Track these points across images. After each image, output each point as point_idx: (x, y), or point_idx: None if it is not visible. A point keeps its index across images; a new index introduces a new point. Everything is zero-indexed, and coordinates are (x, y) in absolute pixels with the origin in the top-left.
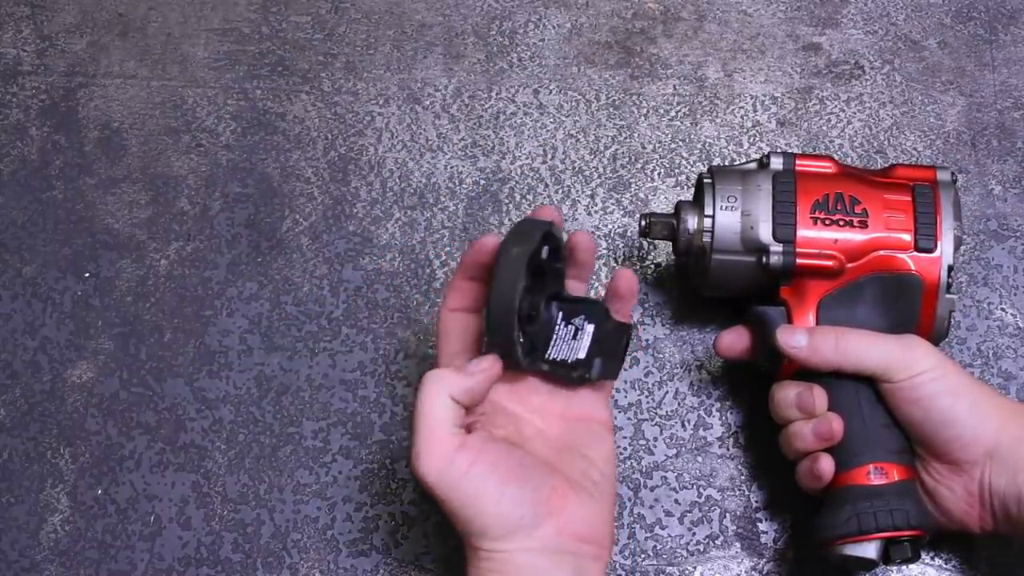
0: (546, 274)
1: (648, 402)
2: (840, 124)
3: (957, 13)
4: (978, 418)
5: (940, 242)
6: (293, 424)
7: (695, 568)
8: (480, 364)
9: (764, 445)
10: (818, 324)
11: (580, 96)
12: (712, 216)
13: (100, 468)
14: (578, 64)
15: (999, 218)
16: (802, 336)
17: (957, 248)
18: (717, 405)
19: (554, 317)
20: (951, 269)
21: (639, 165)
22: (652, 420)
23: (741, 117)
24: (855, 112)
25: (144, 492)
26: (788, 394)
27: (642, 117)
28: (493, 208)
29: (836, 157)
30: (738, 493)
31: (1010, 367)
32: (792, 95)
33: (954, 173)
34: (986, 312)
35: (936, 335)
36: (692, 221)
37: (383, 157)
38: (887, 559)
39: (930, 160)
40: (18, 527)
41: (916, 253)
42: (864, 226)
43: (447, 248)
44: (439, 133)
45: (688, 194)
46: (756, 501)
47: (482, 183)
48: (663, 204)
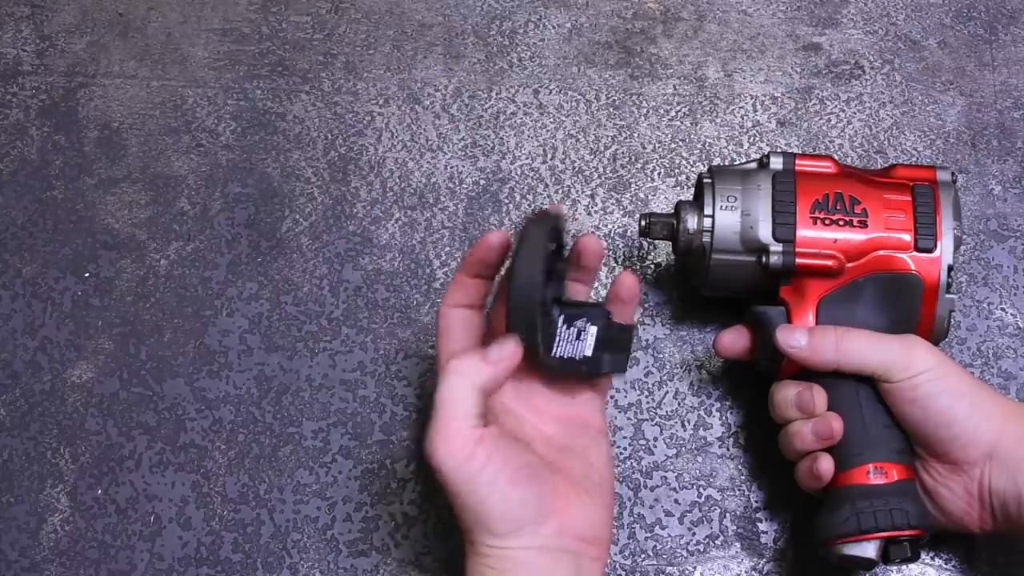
0: (550, 273)
1: (648, 402)
2: (840, 124)
3: (957, 13)
4: (978, 418)
5: (940, 242)
6: (293, 424)
7: (695, 568)
8: (502, 351)
9: (764, 445)
10: (818, 324)
11: (580, 96)
12: (712, 216)
13: (100, 468)
14: (578, 64)
15: (999, 218)
16: (802, 336)
17: (957, 248)
18: (717, 405)
19: (555, 319)
20: (951, 269)
21: (639, 165)
22: (652, 420)
23: (741, 117)
24: (855, 112)
25: (144, 492)
26: (788, 394)
27: (642, 117)
28: (493, 208)
29: (836, 157)
30: (738, 493)
31: (1010, 367)
32: (792, 95)
33: (954, 173)
34: (986, 312)
35: (936, 335)
36: (692, 221)
37: (383, 157)
38: (887, 559)
39: (930, 160)
40: (18, 527)
41: (916, 253)
42: (864, 226)
43: (447, 248)
44: (439, 133)
45: (688, 194)
46: (756, 501)
47: (482, 183)
48: (663, 204)
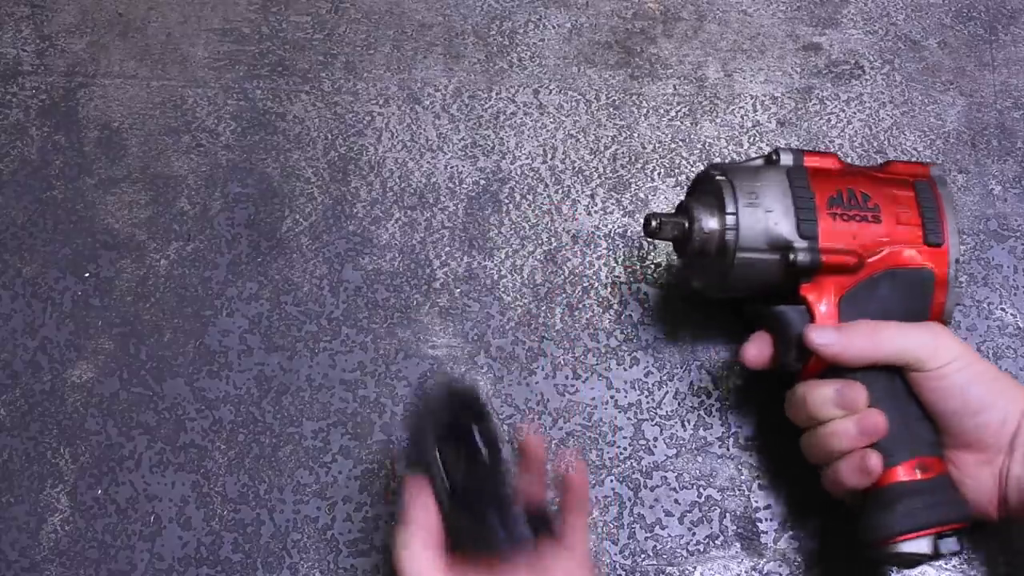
0: (479, 468)
1: (648, 402)
2: (840, 124)
3: (957, 13)
4: (1005, 403)
5: (946, 235)
6: (293, 424)
7: (695, 568)
8: (414, 499)
9: (764, 445)
10: (840, 321)
11: (580, 96)
12: (736, 213)
13: (100, 468)
14: (578, 64)
15: (999, 218)
16: (833, 332)
17: (959, 242)
18: (717, 405)
19: (495, 529)
20: (957, 261)
21: (639, 165)
22: (652, 420)
23: (741, 117)
24: (855, 112)
25: (144, 492)
26: (825, 392)
27: (642, 117)
28: (493, 208)
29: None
30: (738, 493)
31: (1010, 367)
32: (792, 95)
33: (943, 169)
34: (986, 312)
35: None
36: (710, 221)
37: (383, 157)
38: (937, 553)
39: (930, 160)
40: (18, 527)
41: (926, 247)
42: (877, 220)
43: (447, 248)
44: (439, 133)
45: None
46: (756, 501)
47: (482, 183)
48: (663, 204)
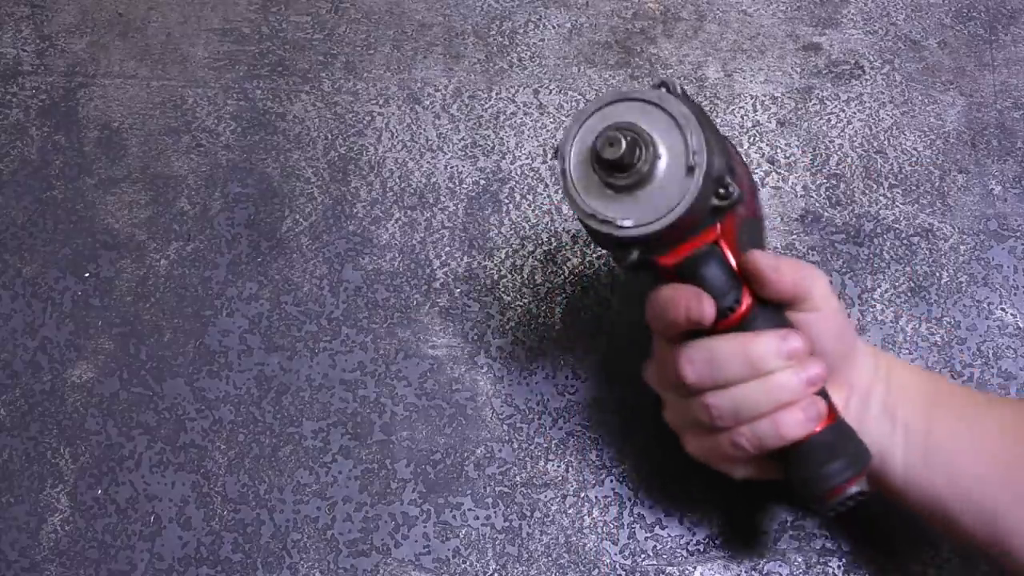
0: None
1: (648, 402)
2: (840, 124)
3: (957, 13)
4: (864, 354)
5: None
6: (293, 424)
7: (695, 568)
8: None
9: None
10: (739, 255)
11: (580, 96)
12: (699, 150)
13: (100, 468)
14: (578, 64)
15: (999, 218)
16: (777, 260)
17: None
18: None
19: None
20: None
21: None
22: (652, 420)
23: (741, 117)
24: (855, 112)
25: (144, 492)
26: (768, 344)
27: None
28: (493, 208)
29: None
30: (738, 493)
31: (1010, 367)
32: (792, 95)
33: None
34: (986, 312)
35: None
36: (672, 152)
37: (383, 157)
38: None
39: (930, 160)
40: (18, 527)
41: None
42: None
43: (447, 248)
44: (439, 133)
45: None
46: (756, 501)
47: (482, 183)
48: None
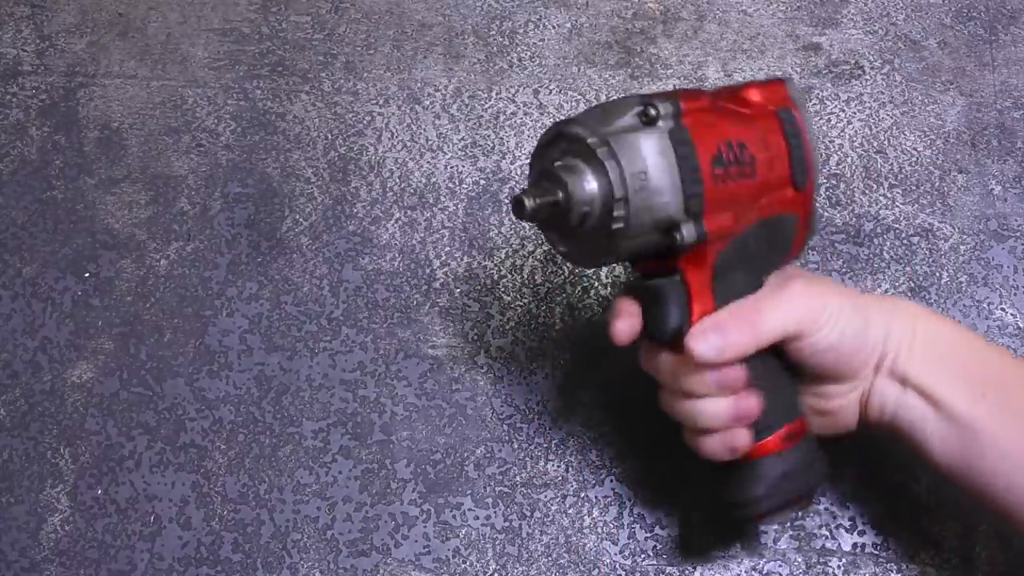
0: None
1: (648, 402)
2: (840, 124)
3: (957, 13)
4: (873, 332)
5: (811, 174)
6: (293, 424)
7: (695, 568)
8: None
9: None
10: (715, 287)
11: (580, 96)
12: (625, 200)
13: (100, 468)
14: (578, 64)
15: (999, 218)
16: (713, 337)
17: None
18: None
19: None
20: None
21: None
22: (652, 420)
23: None
24: (855, 112)
25: (144, 492)
26: (703, 374)
27: None
28: (493, 208)
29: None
30: None
31: None
32: None
33: (797, 86)
34: (986, 312)
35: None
36: (593, 203)
37: (383, 157)
38: (798, 509)
39: (930, 160)
40: (18, 527)
41: (792, 191)
42: (754, 175)
43: (447, 248)
44: (439, 133)
45: None
46: None
47: (482, 183)
48: None
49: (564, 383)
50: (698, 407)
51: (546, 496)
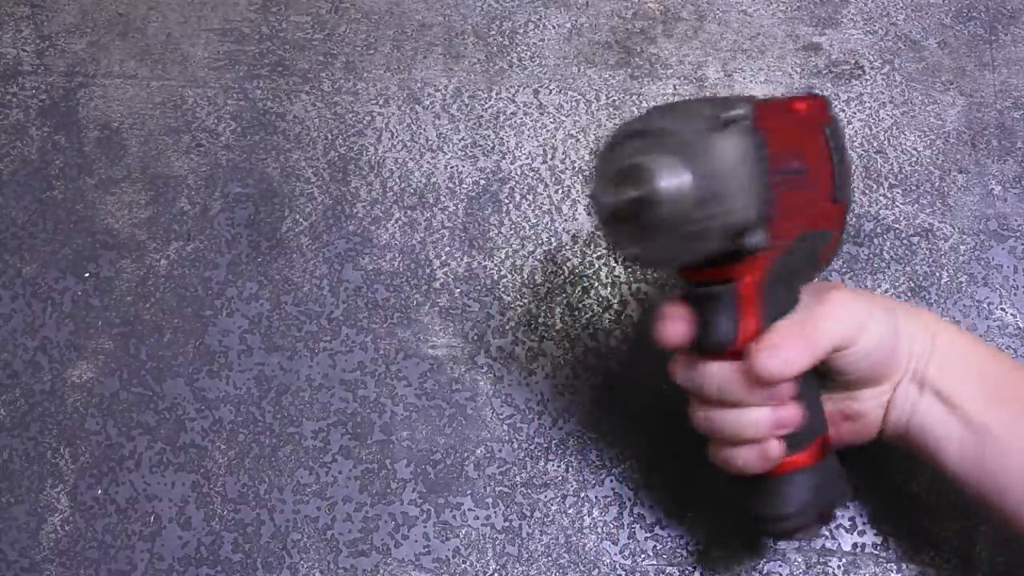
0: None
1: (648, 402)
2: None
3: (957, 13)
4: (904, 339)
5: (847, 190)
6: (293, 424)
7: (695, 568)
8: None
9: None
10: (764, 298)
11: (580, 96)
12: (706, 198)
13: (100, 468)
14: (578, 64)
15: (999, 218)
16: (781, 354)
17: None
18: None
19: None
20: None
21: None
22: (652, 420)
23: None
24: (855, 112)
25: (144, 492)
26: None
27: None
28: (493, 208)
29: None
30: None
31: None
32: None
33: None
34: (986, 312)
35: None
36: (675, 200)
37: (383, 157)
38: (825, 523)
39: (930, 160)
40: (18, 527)
41: (831, 204)
42: (807, 185)
43: (447, 248)
44: (439, 133)
45: None
46: None
47: (482, 183)
48: None
49: (564, 383)
50: (741, 417)
51: (546, 496)
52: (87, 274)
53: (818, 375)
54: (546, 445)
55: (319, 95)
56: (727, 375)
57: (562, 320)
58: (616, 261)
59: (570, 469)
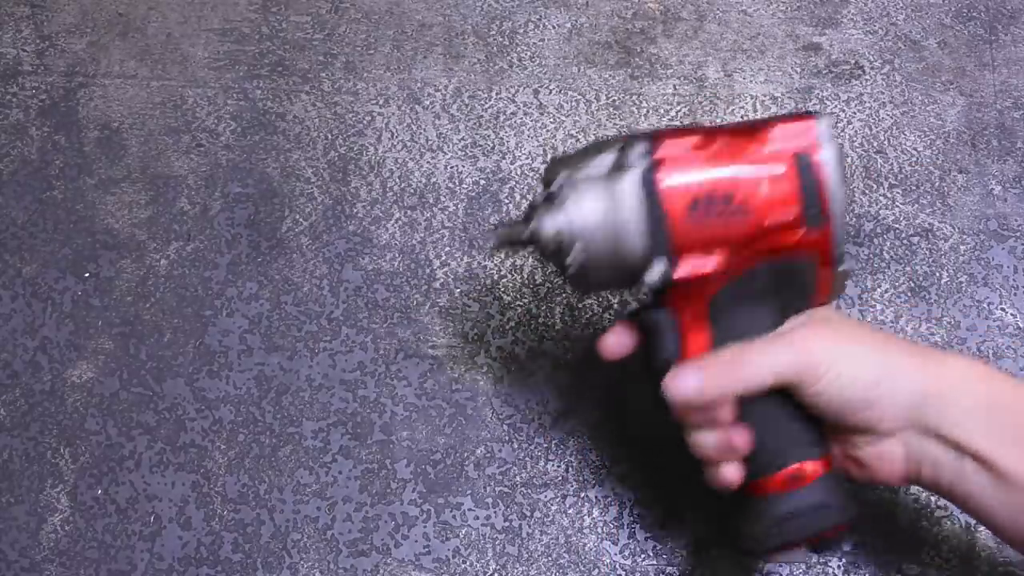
0: None
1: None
2: (840, 124)
3: (957, 13)
4: (897, 385)
5: (829, 213)
6: (293, 424)
7: (695, 568)
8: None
9: None
10: (713, 324)
11: (580, 96)
12: (575, 241)
13: (100, 468)
14: (578, 64)
15: (999, 218)
16: (691, 378)
17: (845, 214)
18: None
19: None
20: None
21: None
22: (652, 420)
23: (741, 117)
24: (855, 112)
25: (144, 492)
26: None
27: (642, 117)
28: (493, 208)
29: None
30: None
31: (1010, 367)
32: (792, 95)
33: (831, 122)
34: (986, 312)
35: (829, 302)
36: (552, 234)
37: (383, 157)
38: (817, 551)
39: (930, 160)
40: (18, 527)
41: (806, 230)
42: (746, 213)
43: (447, 248)
44: (439, 133)
45: None
46: None
47: (482, 183)
48: None
49: (564, 383)
50: (691, 438)
51: (546, 496)
52: (87, 274)
53: (796, 406)
54: (546, 445)
55: (319, 95)
56: (668, 390)
57: (562, 320)
58: None
59: (570, 469)
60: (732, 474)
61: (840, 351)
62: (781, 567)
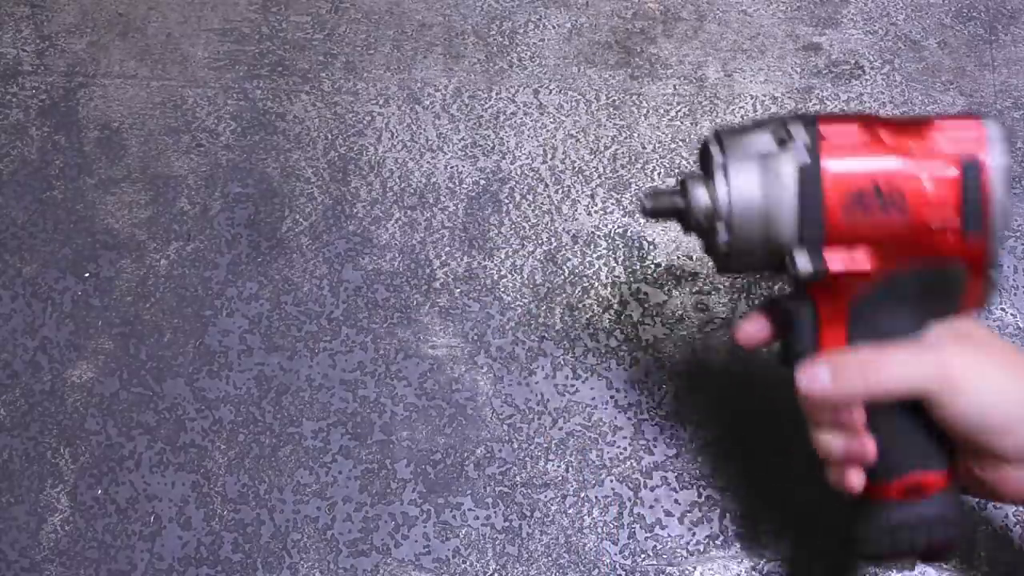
0: None
1: (648, 402)
2: None
3: (957, 13)
4: None
5: (988, 220)
6: (293, 424)
7: (695, 568)
8: None
9: (765, 444)
10: (852, 323)
11: (580, 96)
12: (727, 217)
13: (100, 468)
14: (578, 64)
15: None
16: (824, 375)
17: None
18: (717, 404)
19: None
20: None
21: (639, 165)
22: (652, 420)
23: (741, 117)
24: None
25: (144, 492)
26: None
27: (642, 117)
28: (493, 208)
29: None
30: (738, 493)
31: None
32: (792, 95)
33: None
34: (986, 312)
35: (976, 311)
36: (702, 197)
37: (383, 157)
38: (924, 560)
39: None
40: (18, 527)
41: (961, 236)
42: (903, 211)
43: (447, 248)
44: (439, 133)
45: None
46: (756, 501)
47: (482, 183)
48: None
49: (564, 383)
50: (817, 437)
51: (546, 496)
52: (87, 274)
53: (923, 415)
54: (546, 445)
55: (319, 95)
56: (799, 387)
57: (562, 320)
58: (616, 261)
59: (570, 469)
60: (855, 480)
61: (982, 372)
62: (781, 567)
